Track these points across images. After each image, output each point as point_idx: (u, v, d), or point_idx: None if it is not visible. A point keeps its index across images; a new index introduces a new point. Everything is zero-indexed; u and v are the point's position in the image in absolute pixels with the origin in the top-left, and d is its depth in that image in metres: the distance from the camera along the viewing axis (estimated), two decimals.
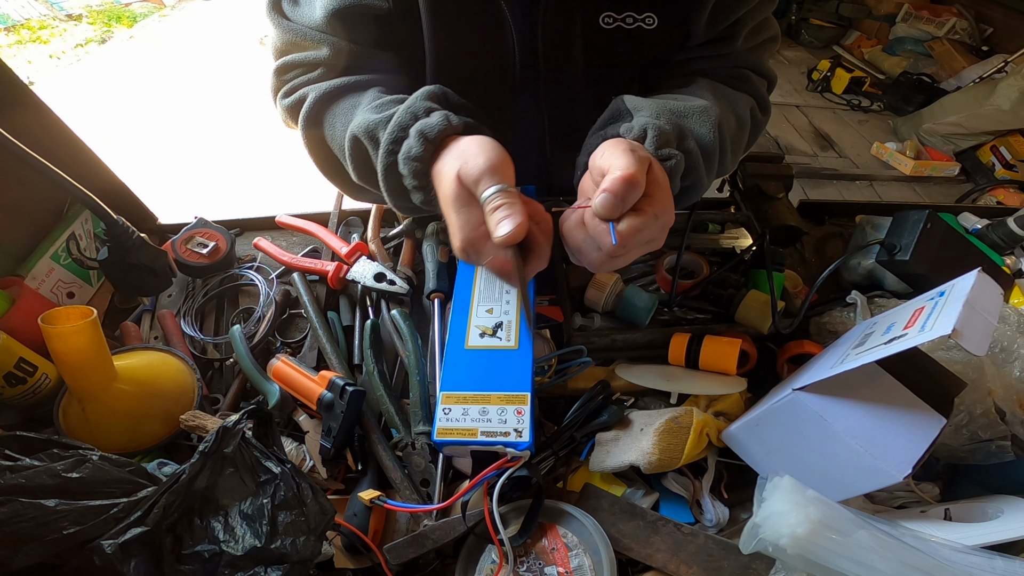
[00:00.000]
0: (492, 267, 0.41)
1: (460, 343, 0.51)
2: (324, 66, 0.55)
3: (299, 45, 0.55)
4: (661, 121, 0.46)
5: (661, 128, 0.46)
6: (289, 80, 0.57)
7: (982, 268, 0.42)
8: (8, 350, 0.51)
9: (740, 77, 0.59)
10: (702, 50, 0.58)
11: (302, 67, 0.56)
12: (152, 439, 0.52)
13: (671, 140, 0.46)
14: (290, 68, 0.57)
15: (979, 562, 0.34)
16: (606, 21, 0.55)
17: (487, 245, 0.39)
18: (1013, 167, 2.36)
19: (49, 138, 0.65)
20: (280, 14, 0.55)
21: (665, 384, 0.53)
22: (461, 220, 0.39)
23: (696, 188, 0.50)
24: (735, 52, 0.58)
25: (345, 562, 0.47)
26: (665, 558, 0.44)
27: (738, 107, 0.56)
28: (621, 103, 0.51)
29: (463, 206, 0.39)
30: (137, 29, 4.33)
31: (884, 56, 3.10)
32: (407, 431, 0.53)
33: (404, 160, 0.44)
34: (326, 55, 0.53)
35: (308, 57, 0.55)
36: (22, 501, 0.35)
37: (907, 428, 0.39)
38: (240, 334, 0.59)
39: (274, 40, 0.57)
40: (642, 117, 0.47)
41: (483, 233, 0.39)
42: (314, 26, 0.53)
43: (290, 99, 0.55)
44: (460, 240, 0.39)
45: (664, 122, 0.46)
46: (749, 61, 0.60)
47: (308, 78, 0.55)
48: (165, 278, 0.62)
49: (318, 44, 0.53)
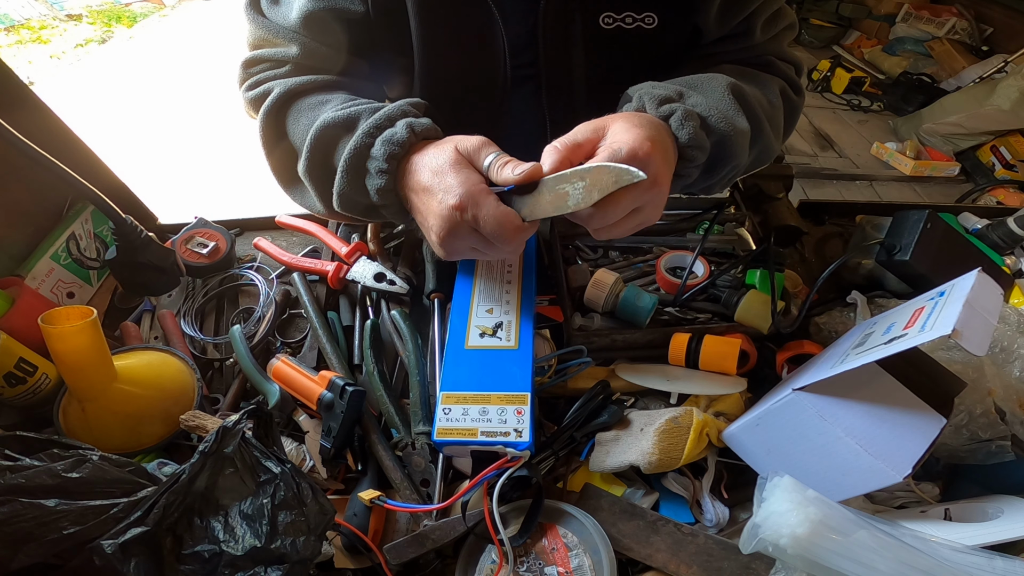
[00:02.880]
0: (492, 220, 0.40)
1: (460, 343, 0.51)
2: (292, 64, 0.55)
3: (271, 42, 0.55)
4: (657, 89, 0.47)
5: (655, 93, 0.46)
6: (255, 73, 0.57)
7: (982, 268, 0.42)
8: (8, 350, 0.51)
9: (765, 64, 0.59)
10: (720, 45, 0.58)
11: (270, 63, 0.57)
12: (152, 439, 0.52)
13: (671, 98, 0.46)
14: (258, 62, 0.57)
15: (979, 562, 0.34)
16: (606, 21, 0.55)
17: (488, 198, 0.40)
18: (1013, 167, 2.36)
19: (49, 138, 0.64)
20: (257, 11, 0.56)
21: (665, 384, 0.53)
22: (461, 177, 0.40)
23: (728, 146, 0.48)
24: (754, 45, 0.58)
25: (345, 562, 0.47)
26: (665, 558, 0.44)
27: (767, 88, 0.55)
28: (624, 95, 0.51)
29: (463, 168, 0.41)
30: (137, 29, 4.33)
31: (884, 56, 3.10)
32: (407, 431, 0.53)
33: (383, 142, 0.44)
34: (295, 54, 0.54)
35: (277, 53, 0.55)
36: (22, 501, 0.35)
37: (907, 428, 0.39)
38: (240, 334, 0.59)
39: (247, 35, 0.57)
40: (640, 91, 0.48)
41: (482, 188, 0.40)
42: (288, 26, 0.54)
43: (254, 92, 0.55)
44: (459, 196, 0.40)
45: (660, 89, 0.47)
46: (770, 50, 0.60)
47: (275, 73, 0.56)
48: (173, 277, 0.62)
49: (289, 43, 0.54)
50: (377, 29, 0.55)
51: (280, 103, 0.53)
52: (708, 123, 0.46)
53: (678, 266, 0.65)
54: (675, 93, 0.47)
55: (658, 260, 0.65)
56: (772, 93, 0.55)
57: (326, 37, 0.54)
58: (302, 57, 0.54)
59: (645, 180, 0.38)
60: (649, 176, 0.39)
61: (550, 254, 0.68)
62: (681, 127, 0.44)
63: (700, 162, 0.47)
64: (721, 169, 0.50)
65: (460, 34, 0.56)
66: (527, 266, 0.58)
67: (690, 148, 0.45)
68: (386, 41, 0.56)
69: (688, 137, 0.44)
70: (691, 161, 0.46)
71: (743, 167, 0.53)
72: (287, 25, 0.54)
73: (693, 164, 0.46)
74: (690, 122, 0.44)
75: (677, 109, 0.45)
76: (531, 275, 0.58)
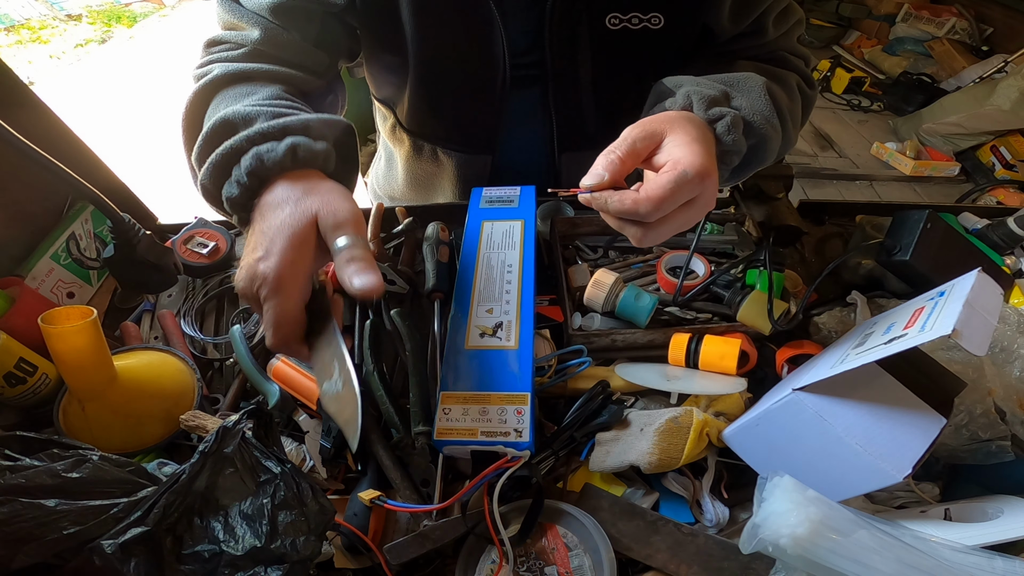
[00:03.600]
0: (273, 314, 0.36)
1: (460, 343, 0.51)
2: (250, 48, 0.53)
3: (236, 25, 0.55)
4: (702, 87, 0.46)
5: (703, 92, 0.45)
6: (211, 54, 0.56)
7: (982, 268, 0.42)
8: (8, 350, 0.51)
9: (778, 59, 0.60)
10: (735, 43, 0.59)
11: (228, 44, 0.55)
12: (152, 439, 0.52)
13: (719, 100, 0.46)
14: (218, 43, 0.56)
15: (979, 562, 0.34)
16: (612, 22, 0.55)
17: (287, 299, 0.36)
18: (1013, 167, 2.36)
19: (49, 138, 0.65)
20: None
21: (665, 384, 0.53)
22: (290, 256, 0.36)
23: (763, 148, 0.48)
24: (768, 41, 0.58)
25: (345, 562, 0.47)
26: (665, 558, 0.44)
27: (786, 84, 0.56)
28: (662, 85, 0.50)
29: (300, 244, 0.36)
30: (137, 29, 4.33)
31: (884, 56, 3.10)
32: (407, 431, 0.53)
33: (256, 156, 0.40)
34: (256, 37, 0.53)
35: (238, 36, 0.54)
36: (22, 501, 0.35)
37: (907, 428, 0.39)
38: (240, 334, 0.59)
39: (216, 18, 0.57)
40: (685, 87, 0.47)
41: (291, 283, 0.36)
42: (257, 10, 0.53)
43: (200, 70, 0.54)
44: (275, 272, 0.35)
45: (706, 87, 0.46)
46: (782, 45, 0.60)
47: (227, 55, 0.54)
48: (171, 275, 0.62)
49: (252, 26, 0.53)
50: (367, 27, 0.54)
51: (212, 87, 0.51)
52: (751, 127, 0.46)
53: (678, 266, 0.65)
54: (721, 94, 0.46)
55: (658, 260, 0.65)
56: (791, 89, 0.56)
57: (294, 25, 0.53)
58: (261, 42, 0.53)
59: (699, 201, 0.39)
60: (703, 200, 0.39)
61: (550, 254, 0.68)
62: (728, 132, 0.44)
63: (734, 165, 0.47)
64: (748, 170, 0.50)
65: (457, 34, 0.56)
66: (527, 266, 0.58)
67: (729, 153, 0.45)
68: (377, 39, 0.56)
69: (732, 142, 0.44)
70: (727, 165, 0.46)
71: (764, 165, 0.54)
72: (255, 9, 0.53)
73: (728, 167, 0.47)
74: (736, 129, 0.44)
75: (727, 115, 0.44)
76: (531, 275, 0.58)
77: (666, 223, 0.39)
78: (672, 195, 0.37)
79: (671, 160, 0.39)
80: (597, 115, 0.52)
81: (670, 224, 0.40)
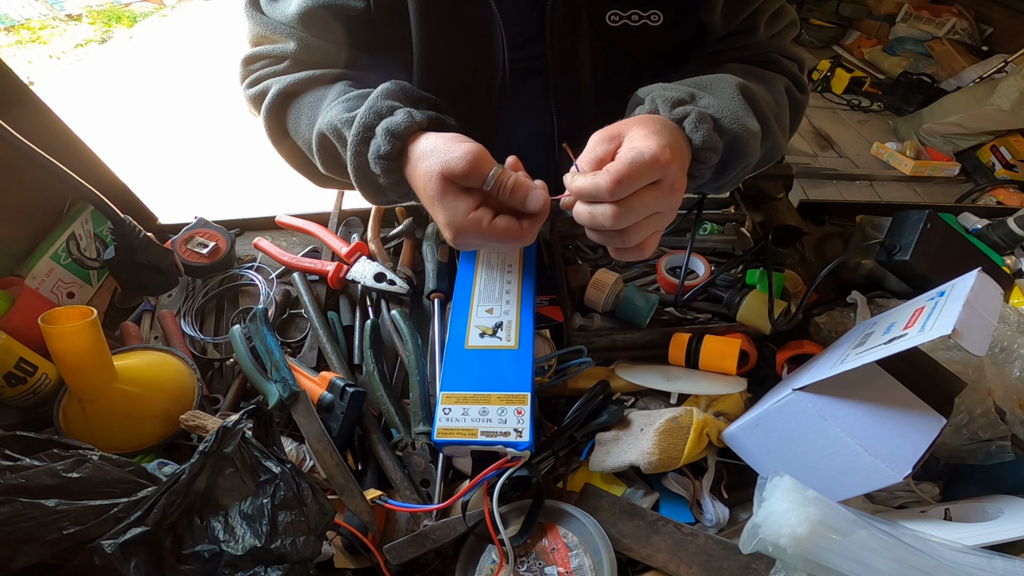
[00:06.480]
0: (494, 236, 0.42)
1: (460, 343, 0.51)
2: (291, 59, 0.55)
3: (269, 39, 0.56)
4: (668, 91, 0.47)
5: (668, 95, 0.46)
6: (256, 70, 0.57)
7: (982, 268, 0.42)
8: (8, 350, 0.51)
9: (769, 61, 0.59)
10: (724, 43, 0.59)
11: (269, 59, 0.57)
12: (152, 439, 0.52)
13: (684, 100, 0.46)
14: (257, 59, 0.57)
15: (979, 562, 0.34)
16: (612, 19, 0.55)
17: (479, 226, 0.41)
18: (1013, 167, 2.36)
19: (49, 138, 0.64)
20: (256, 8, 0.56)
21: (665, 384, 0.53)
22: (448, 214, 0.42)
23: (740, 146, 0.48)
24: (758, 42, 0.58)
25: (345, 562, 0.47)
26: (665, 558, 0.44)
27: (773, 86, 0.56)
28: (635, 96, 0.51)
29: (451, 200, 0.42)
30: (137, 29, 4.33)
31: (884, 56, 3.10)
32: (407, 431, 0.53)
33: (374, 159, 0.45)
34: (293, 49, 0.54)
35: (276, 50, 0.55)
36: (22, 501, 0.35)
37: (907, 428, 0.39)
38: (240, 334, 0.59)
39: (247, 32, 0.58)
40: (652, 94, 0.48)
41: (471, 220, 0.41)
42: (286, 21, 0.54)
43: (254, 89, 0.56)
44: (452, 231, 0.42)
45: (672, 91, 0.47)
46: (773, 47, 0.60)
47: (274, 70, 0.56)
48: (172, 277, 0.62)
49: (287, 39, 0.54)
50: (378, 26, 0.55)
51: (279, 102, 0.54)
52: (720, 124, 0.46)
53: (678, 266, 0.65)
54: (687, 95, 0.47)
55: (658, 260, 0.65)
56: (778, 91, 0.56)
57: (325, 32, 0.54)
58: (300, 52, 0.54)
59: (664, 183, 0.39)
60: (668, 182, 0.39)
61: (550, 254, 0.68)
62: (695, 129, 0.44)
63: (713, 164, 0.47)
64: (733, 169, 0.50)
65: (458, 31, 0.56)
66: (527, 266, 0.58)
67: (704, 150, 0.45)
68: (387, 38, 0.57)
69: (702, 139, 0.44)
70: (704, 163, 0.46)
71: (752, 166, 0.54)
72: (284, 20, 0.54)
73: (706, 166, 0.46)
74: (704, 124, 0.44)
75: (691, 112, 0.45)
76: (531, 275, 0.58)
77: (633, 208, 0.39)
78: (628, 172, 0.37)
79: (628, 147, 0.40)
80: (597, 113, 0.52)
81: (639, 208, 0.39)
